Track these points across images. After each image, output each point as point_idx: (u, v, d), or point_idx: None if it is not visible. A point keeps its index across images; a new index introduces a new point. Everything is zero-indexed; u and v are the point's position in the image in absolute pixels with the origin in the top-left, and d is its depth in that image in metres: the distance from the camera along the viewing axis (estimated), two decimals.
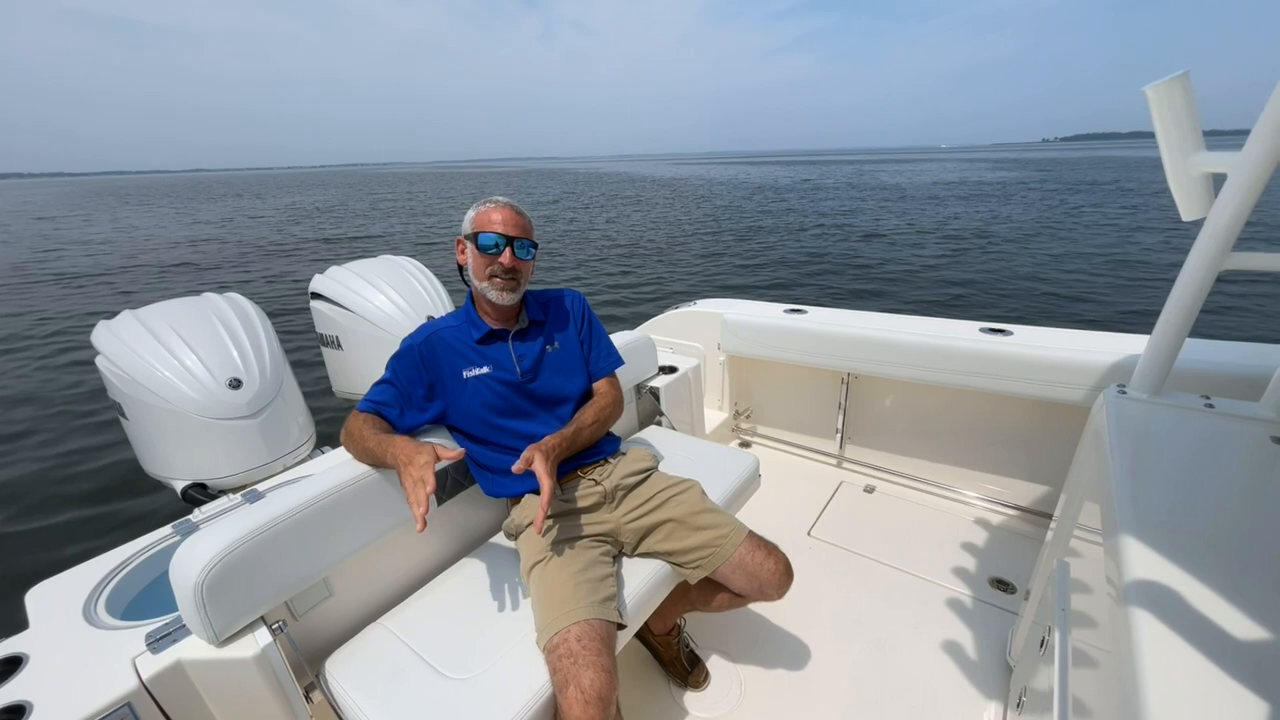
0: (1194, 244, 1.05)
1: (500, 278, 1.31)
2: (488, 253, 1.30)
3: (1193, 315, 1.09)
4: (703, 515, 1.36)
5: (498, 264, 1.30)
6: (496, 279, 1.31)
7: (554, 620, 1.10)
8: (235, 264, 11.78)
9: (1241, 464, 0.97)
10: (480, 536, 1.57)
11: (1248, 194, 0.97)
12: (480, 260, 1.31)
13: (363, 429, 1.25)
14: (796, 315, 2.41)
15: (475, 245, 1.31)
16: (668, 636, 1.58)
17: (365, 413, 1.29)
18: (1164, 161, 1.04)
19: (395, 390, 1.32)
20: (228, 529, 1.08)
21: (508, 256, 1.30)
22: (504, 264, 1.30)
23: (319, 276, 2.54)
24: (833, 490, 2.37)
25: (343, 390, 2.64)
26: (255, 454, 1.96)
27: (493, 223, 1.30)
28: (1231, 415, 1.06)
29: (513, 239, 1.30)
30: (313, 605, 1.26)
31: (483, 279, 1.32)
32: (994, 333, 1.98)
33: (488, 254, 1.30)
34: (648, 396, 2.11)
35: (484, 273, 1.31)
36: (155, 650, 1.07)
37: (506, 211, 1.33)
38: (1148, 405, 1.12)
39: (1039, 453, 2.08)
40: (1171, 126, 1.02)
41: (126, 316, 1.98)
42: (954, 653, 1.61)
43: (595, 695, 0.99)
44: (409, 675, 1.12)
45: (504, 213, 1.32)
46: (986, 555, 1.96)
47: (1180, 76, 0.98)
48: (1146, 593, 0.67)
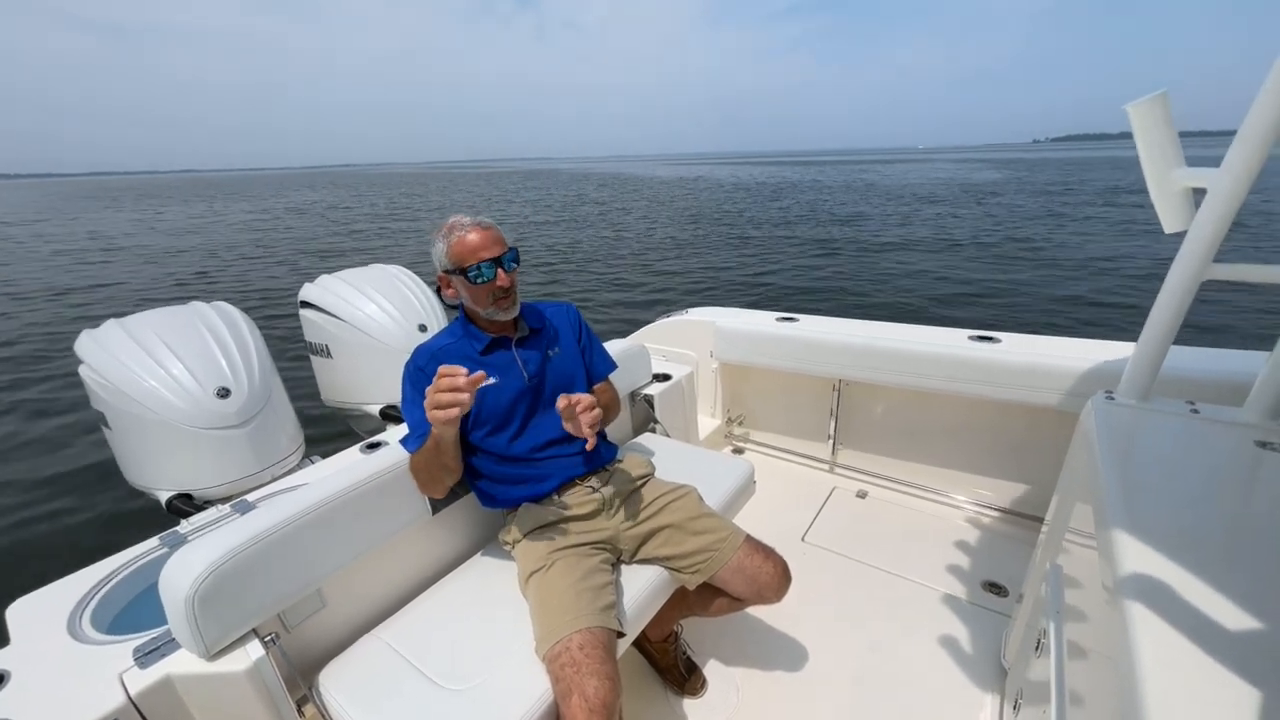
0: (1176, 256, 1.08)
1: (502, 299, 1.30)
2: (481, 283, 1.27)
3: (1176, 323, 1.12)
4: (700, 520, 1.37)
5: (496, 288, 1.28)
6: (499, 300, 1.30)
7: (555, 629, 1.10)
8: (222, 271, 11.62)
9: (1227, 467, 1.00)
10: (475, 546, 1.56)
11: (1227, 208, 1.00)
12: (477, 291, 1.28)
13: (417, 456, 1.26)
14: (788, 323, 2.43)
15: (465, 278, 1.27)
16: (665, 643, 1.58)
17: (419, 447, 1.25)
18: (1146, 176, 1.08)
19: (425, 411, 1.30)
20: (220, 540, 1.06)
21: (502, 277, 1.27)
22: (503, 286, 1.28)
23: (309, 285, 2.52)
24: (825, 496, 2.38)
25: (332, 399, 2.61)
26: (243, 464, 1.92)
27: (474, 251, 1.25)
28: (1216, 420, 1.09)
29: (499, 258, 1.27)
30: (306, 617, 1.24)
31: (486, 305, 1.30)
32: (983, 340, 2.01)
33: (482, 284, 1.27)
34: (642, 404, 2.11)
35: (485, 300, 1.29)
36: (143, 665, 1.04)
37: (480, 233, 1.26)
38: (1135, 411, 1.14)
39: (1028, 457, 2.11)
40: (1153, 143, 1.05)
41: (111, 325, 1.94)
42: (948, 656, 1.62)
43: (600, 703, 0.98)
44: (404, 686, 1.10)
45: (480, 235, 1.26)
46: (978, 559, 1.98)
47: (1159, 96, 1.02)
48: (1140, 591, 0.68)
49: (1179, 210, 1.08)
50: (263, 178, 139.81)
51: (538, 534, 1.33)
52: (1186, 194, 1.07)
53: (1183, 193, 1.06)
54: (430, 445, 1.20)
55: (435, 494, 1.34)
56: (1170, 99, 1.03)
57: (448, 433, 1.16)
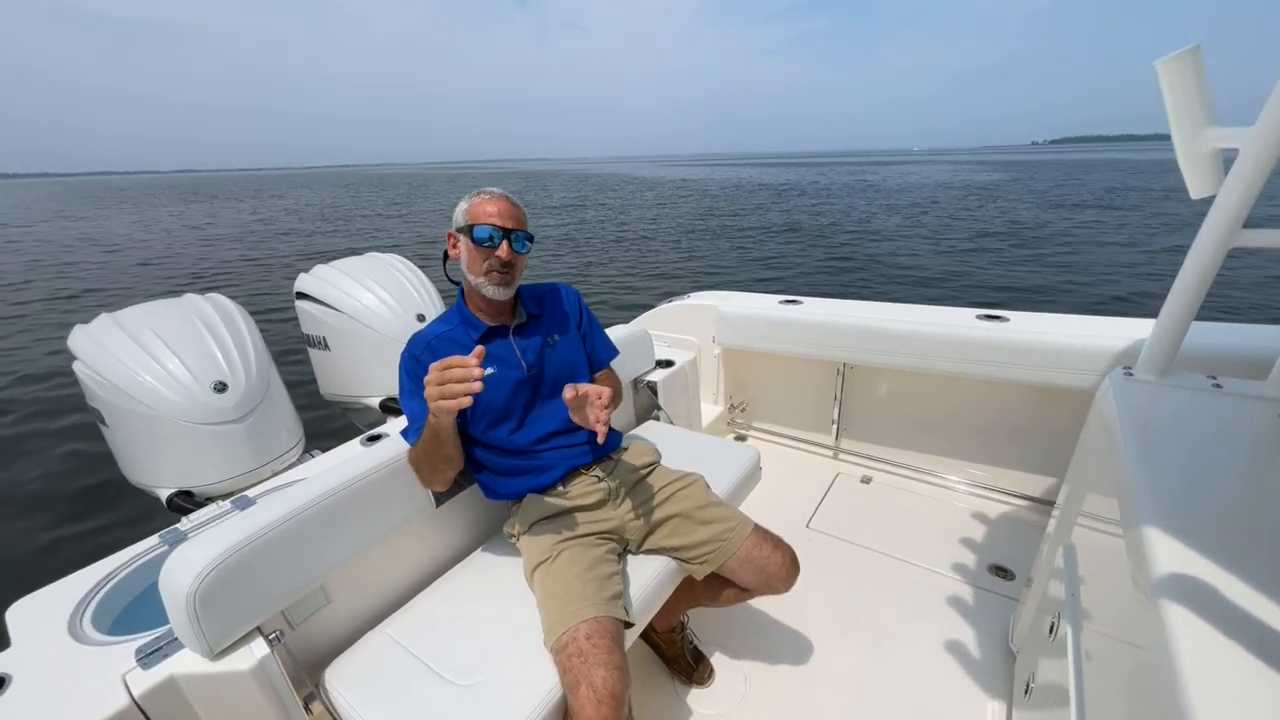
0: (1204, 221, 1.04)
1: (497, 272, 1.26)
2: (483, 246, 1.25)
3: (1202, 294, 1.08)
4: (708, 509, 1.35)
5: (495, 258, 1.25)
6: (493, 273, 1.26)
7: (562, 619, 1.08)
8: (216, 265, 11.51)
9: (1253, 442, 0.97)
10: (480, 538, 1.54)
11: (1259, 169, 0.95)
12: (475, 254, 1.26)
13: (416, 448, 1.23)
14: (791, 306, 2.40)
15: (470, 238, 1.25)
16: (671, 633, 1.57)
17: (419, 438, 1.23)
18: (1174, 137, 1.02)
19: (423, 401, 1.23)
20: (220, 537, 1.04)
21: (505, 250, 1.25)
22: (501, 257, 1.25)
23: (304, 275, 2.48)
24: (830, 482, 2.37)
25: (330, 392, 2.59)
26: (243, 459, 1.90)
27: (488, 215, 1.25)
28: (1240, 395, 1.06)
29: (509, 231, 1.25)
30: (310, 613, 1.22)
31: (478, 274, 1.27)
32: (991, 319, 1.98)
33: (483, 247, 1.25)
34: (645, 391, 2.09)
35: (480, 267, 1.26)
36: (146, 666, 1.03)
37: (502, 203, 1.27)
38: (1155, 387, 1.11)
39: (1035, 439, 2.09)
40: (1181, 101, 0.99)
41: (104, 320, 1.91)
42: (956, 641, 1.61)
43: (608, 694, 0.97)
44: (412, 682, 1.09)
45: (499, 204, 1.26)
46: (985, 542, 1.97)
47: (1192, 50, 0.96)
48: (1171, 574, 0.66)
49: (1208, 173, 1.03)
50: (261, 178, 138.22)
51: (543, 525, 1.31)
52: (1216, 156, 1.02)
53: (1212, 154, 1.01)
54: (429, 435, 1.17)
55: (437, 486, 1.31)
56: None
57: (447, 421, 1.13)
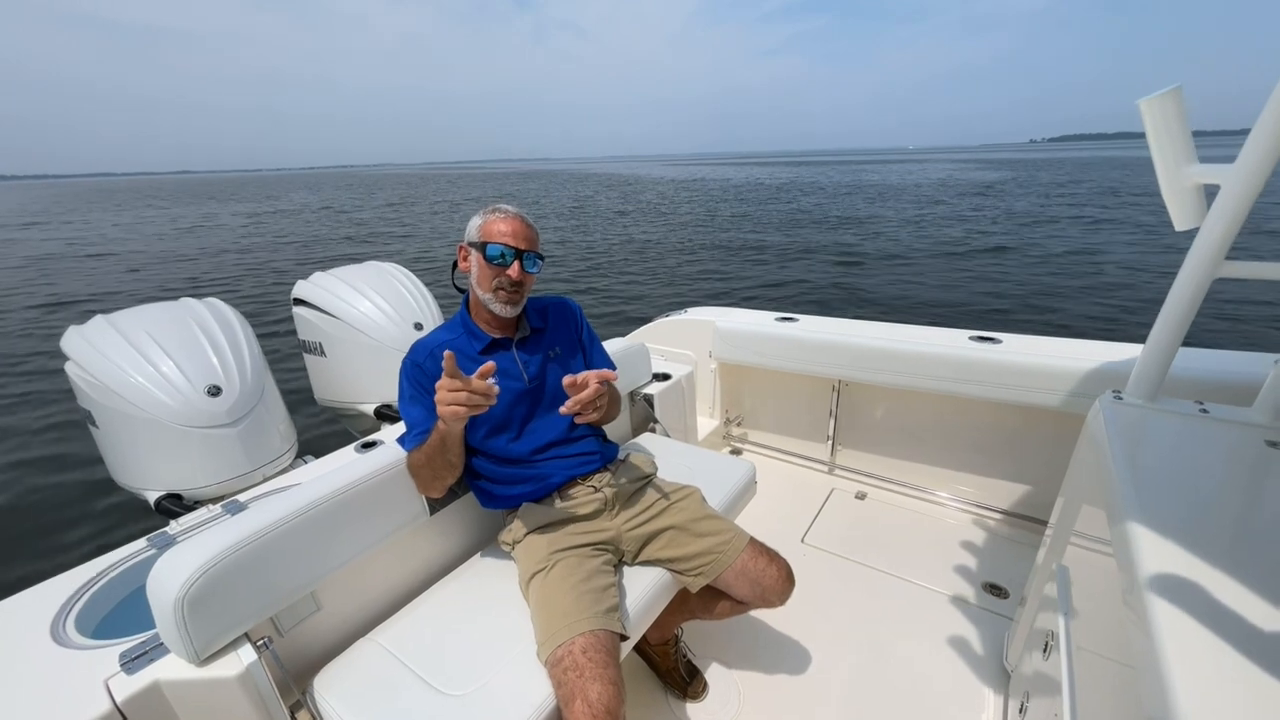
0: (1188, 253, 1.07)
1: (506, 290, 1.27)
2: (495, 264, 1.25)
3: (1187, 321, 1.11)
4: (704, 522, 1.34)
5: (505, 276, 1.26)
6: (502, 291, 1.27)
7: (557, 632, 1.07)
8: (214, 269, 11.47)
9: (1238, 467, 0.99)
10: (474, 547, 1.53)
11: (1240, 205, 0.98)
12: (486, 271, 1.27)
13: (417, 454, 1.23)
14: (788, 323, 2.42)
15: (482, 255, 1.26)
16: (665, 646, 1.55)
17: (419, 445, 1.23)
18: (1158, 173, 1.06)
19: (424, 408, 1.26)
20: (210, 541, 1.03)
21: (516, 269, 1.25)
22: (512, 276, 1.25)
23: (302, 282, 2.48)
24: (825, 497, 2.37)
25: (325, 398, 2.57)
26: (234, 464, 1.88)
27: (501, 234, 1.26)
28: (1226, 420, 1.08)
29: (522, 252, 1.26)
30: (300, 620, 1.20)
31: (487, 290, 1.28)
32: (983, 340, 2.01)
33: (495, 265, 1.25)
34: (642, 403, 2.09)
35: (489, 284, 1.27)
36: (130, 671, 1.01)
37: (516, 223, 1.28)
38: (1144, 411, 1.13)
39: (1027, 457, 2.11)
40: (1165, 139, 1.03)
41: (99, 321, 1.90)
42: (950, 658, 1.61)
43: (603, 709, 0.96)
44: (401, 691, 1.07)
45: (513, 223, 1.27)
46: (978, 560, 1.97)
47: (1173, 90, 1.00)
48: (1160, 593, 0.67)
49: (1191, 207, 1.06)
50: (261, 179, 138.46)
51: (538, 534, 1.30)
52: (1199, 191, 1.05)
53: (1195, 189, 1.05)
54: (435, 441, 1.17)
55: (434, 493, 1.31)
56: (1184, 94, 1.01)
57: (456, 428, 1.13)
